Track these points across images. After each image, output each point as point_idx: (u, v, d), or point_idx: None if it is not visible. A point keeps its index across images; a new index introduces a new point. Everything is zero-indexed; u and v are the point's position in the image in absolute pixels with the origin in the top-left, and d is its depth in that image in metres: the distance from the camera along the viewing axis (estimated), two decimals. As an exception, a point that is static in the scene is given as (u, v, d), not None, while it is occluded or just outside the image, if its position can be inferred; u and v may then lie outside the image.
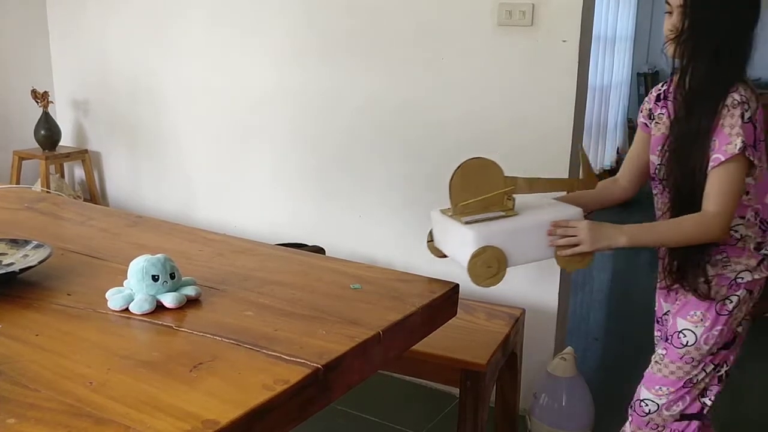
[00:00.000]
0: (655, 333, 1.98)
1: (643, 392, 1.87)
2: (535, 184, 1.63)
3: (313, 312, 1.43)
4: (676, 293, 1.83)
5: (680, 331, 1.77)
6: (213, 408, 1.06)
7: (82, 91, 3.92)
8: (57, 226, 2.09)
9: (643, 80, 7.60)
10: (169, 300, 1.43)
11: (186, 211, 3.62)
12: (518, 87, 2.64)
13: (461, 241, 1.52)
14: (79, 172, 4.01)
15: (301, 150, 3.23)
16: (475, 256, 1.48)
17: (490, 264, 1.48)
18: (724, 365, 1.82)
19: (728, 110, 1.60)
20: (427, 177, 2.88)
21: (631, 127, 7.54)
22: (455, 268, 1.66)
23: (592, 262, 1.62)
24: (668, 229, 1.71)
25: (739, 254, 1.73)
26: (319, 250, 2.86)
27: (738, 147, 1.58)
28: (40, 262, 1.58)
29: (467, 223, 1.53)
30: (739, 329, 1.80)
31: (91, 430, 1.00)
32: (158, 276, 1.44)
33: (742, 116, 1.60)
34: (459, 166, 1.54)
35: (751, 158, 1.61)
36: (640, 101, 7.84)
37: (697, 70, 1.66)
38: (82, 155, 3.81)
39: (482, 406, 2.06)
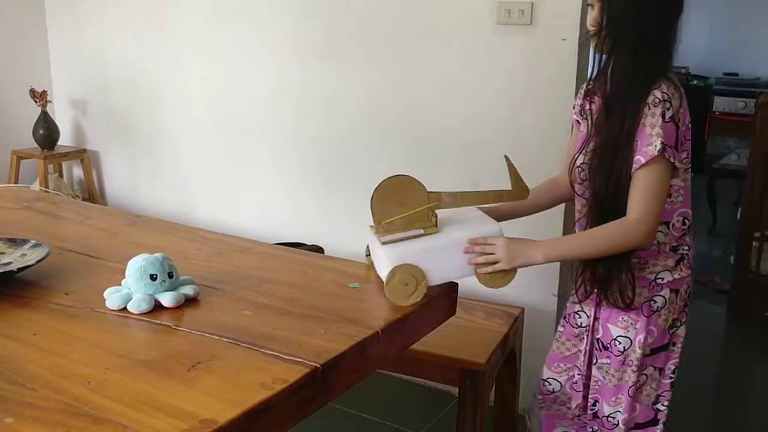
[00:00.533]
0: (559, 328, 1.90)
1: (605, 408, 1.78)
2: (461, 198, 1.60)
3: (312, 311, 1.43)
4: (596, 303, 1.75)
5: (615, 339, 1.72)
6: (211, 407, 1.05)
7: (81, 90, 3.91)
8: (55, 226, 2.09)
9: (642, 79, 7.58)
10: (167, 299, 1.43)
11: (185, 211, 3.61)
12: (517, 85, 2.64)
13: (381, 260, 1.51)
14: (77, 172, 4.01)
15: (301, 149, 3.23)
16: (391, 277, 1.45)
17: (406, 282, 1.45)
18: (669, 369, 1.76)
19: (649, 108, 1.52)
20: (427, 176, 2.87)
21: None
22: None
23: (513, 278, 1.57)
24: (588, 240, 1.61)
25: (654, 257, 1.67)
26: (318, 250, 2.86)
27: (657, 148, 1.50)
28: (38, 262, 1.58)
29: (384, 243, 1.51)
30: (673, 331, 1.74)
31: (89, 430, 1.00)
32: (156, 275, 1.43)
33: (663, 115, 1.52)
34: (378, 185, 1.53)
35: (672, 160, 1.53)
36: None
37: (617, 66, 1.58)
38: (81, 155, 3.80)
39: (481, 406, 2.06)
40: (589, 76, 1.74)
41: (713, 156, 6.77)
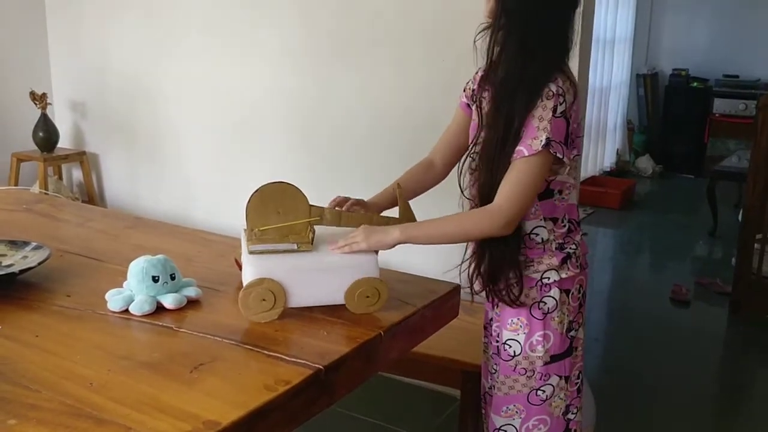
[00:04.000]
0: (483, 340, 1.79)
1: (496, 420, 1.69)
2: (345, 218, 1.54)
3: (314, 312, 1.42)
4: (493, 299, 1.67)
5: (505, 342, 1.65)
6: (214, 408, 1.05)
7: (80, 92, 3.91)
8: (55, 228, 2.09)
9: (642, 81, 7.60)
10: (169, 301, 1.43)
11: (184, 213, 3.61)
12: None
13: (245, 269, 1.40)
14: (77, 174, 4.01)
15: (298, 151, 3.23)
16: (248, 287, 1.35)
17: (264, 297, 1.35)
18: (575, 376, 1.68)
19: (542, 101, 1.47)
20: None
21: (630, 129, 7.56)
22: (455, 269, 1.65)
23: (384, 302, 1.43)
24: (447, 222, 1.55)
25: (539, 255, 1.60)
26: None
27: (542, 143, 1.46)
28: (40, 263, 1.57)
29: (251, 252, 1.43)
30: (572, 334, 1.65)
31: (92, 431, 0.99)
32: (158, 277, 1.43)
33: (555, 109, 1.47)
34: (257, 189, 1.44)
35: (558, 154, 1.48)
36: (640, 102, 7.80)
37: (510, 59, 1.52)
38: (80, 157, 3.80)
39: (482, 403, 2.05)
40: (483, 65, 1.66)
41: (713, 158, 6.77)
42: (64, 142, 3.86)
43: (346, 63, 3.03)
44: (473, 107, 1.68)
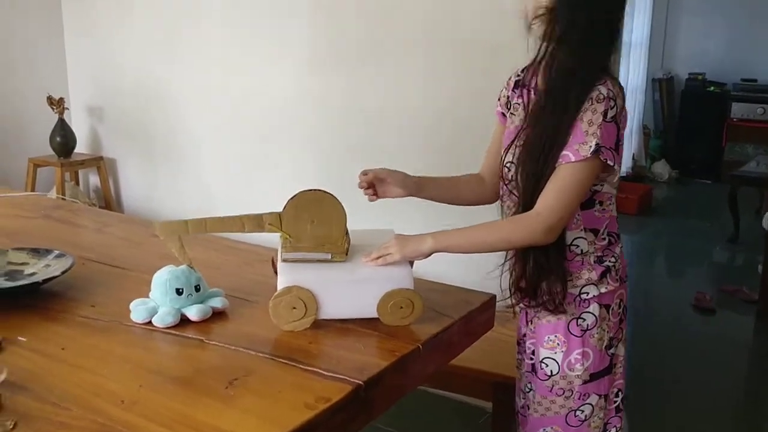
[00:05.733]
0: (517, 356, 1.70)
1: None
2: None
3: (347, 324, 1.37)
4: (528, 313, 1.60)
5: (542, 361, 1.56)
6: (253, 427, 1.00)
7: (97, 97, 3.88)
8: (75, 234, 2.04)
9: (658, 86, 7.52)
10: (193, 312, 1.38)
11: (202, 219, 3.56)
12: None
13: (279, 277, 1.36)
14: (93, 180, 3.98)
15: (321, 155, 3.18)
16: (279, 295, 1.33)
17: (295, 305, 1.32)
18: (614, 394, 1.61)
19: (591, 104, 1.40)
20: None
21: (646, 134, 7.48)
22: (487, 277, 1.59)
23: (419, 314, 1.36)
24: (484, 230, 1.47)
25: (578, 268, 1.52)
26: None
27: (591, 149, 1.39)
28: (63, 273, 1.53)
29: (285, 260, 1.39)
30: (612, 351, 1.57)
31: (126, 452, 0.95)
32: (182, 289, 1.38)
33: (605, 114, 1.40)
34: (293, 197, 1.40)
35: (609, 161, 1.41)
36: (656, 107, 7.68)
37: (562, 55, 1.44)
38: (97, 162, 3.77)
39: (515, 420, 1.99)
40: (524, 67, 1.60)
41: (731, 163, 6.69)
42: (81, 147, 3.83)
43: (373, 67, 2.98)
44: (507, 114, 1.63)
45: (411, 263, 1.44)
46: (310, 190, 1.41)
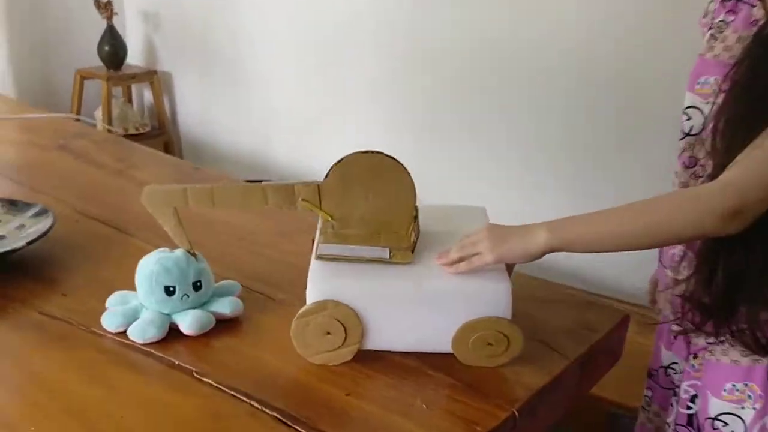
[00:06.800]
0: (645, 392, 1.25)
1: None
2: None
3: (406, 358, 0.92)
4: (688, 341, 1.10)
5: (715, 418, 1.07)
6: None
7: (153, 1, 3.45)
8: (85, 175, 1.64)
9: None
10: (187, 324, 0.96)
11: (264, 148, 3.15)
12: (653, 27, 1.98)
13: (308, 282, 0.91)
14: (148, 97, 3.59)
15: (401, 86, 2.69)
16: (306, 314, 0.90)
17: (329, 329, 0.89)
18: None
19: None
20: (554, 136, 2.31)
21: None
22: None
23: (512, 356, 0.91)
24: (626, 213, 0.92)
25: None
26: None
27: None
28: (29, 243, 1.13)
29: (320, 256, 0.94)
30: None
31: None
32: (174, 288, 0.96)
33: None
34: (339, 161, 0.93)
35: None
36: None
37: None
38: (150, 76, 3.36)
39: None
40: None
41: None
42: (133, 59, 3.43)
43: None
44: (706, 38, 1.06)
45: (510, 268, 0.96)
46: (366, 152, 0.93)
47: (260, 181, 0.98)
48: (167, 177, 1.65)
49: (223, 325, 0.98)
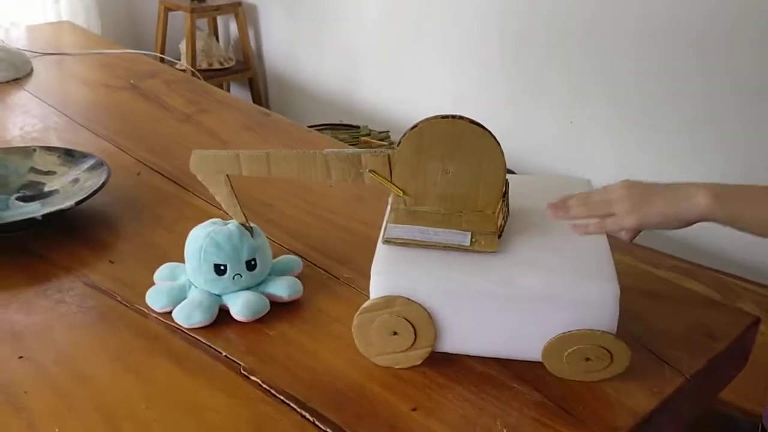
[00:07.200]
0: None
1: None
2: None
3: (488, 364, 0.78)
4: None
5: None
6: None
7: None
8: (152, 120, 1.55)
9: None
10: (239, 308, 0.84)
11: (349, 88, 3.00)
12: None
13: (372, 267, 0.77)
14: (234, 30, 3.48)
15: (498, 26, 2.45)
16: (368, 310, 0.76)
17: (395, 328, 0.75)
18: None
19: None
20: (665, 90, 2.06)
21: None
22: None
23: (616, 372, 0.74)
24: None
25: None
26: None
27: None
28: (77, 203, 1.04)
29: (387, 240, 0.78)
30: None
31: None
32: (226, 266, 0.84)
33: None
34: (414, 126, 0.77)
35: None
36: None
37: None
38: (235, 8, 3.23)
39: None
40: None
41: None
42: (218, -11, 3.31)
43: None
44: None
45: (633, 236, 0.79)
46: (446, 116, 0.78)
47: (347, 126, 0.83)
48: (235, 123, 1.54)
49: (280, 308, 0.86)
